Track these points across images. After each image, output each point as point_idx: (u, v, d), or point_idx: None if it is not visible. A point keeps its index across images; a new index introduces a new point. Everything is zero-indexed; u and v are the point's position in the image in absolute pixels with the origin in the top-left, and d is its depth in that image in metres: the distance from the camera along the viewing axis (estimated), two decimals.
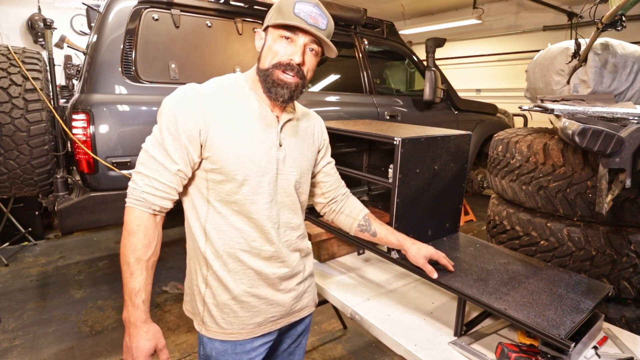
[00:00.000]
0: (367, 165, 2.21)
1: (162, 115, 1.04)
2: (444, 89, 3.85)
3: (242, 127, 1.07)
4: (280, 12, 1.04)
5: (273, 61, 1.06)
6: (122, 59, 2.47)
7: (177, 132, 1.02)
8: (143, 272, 1.02)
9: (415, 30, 6.94)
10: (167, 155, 1.03)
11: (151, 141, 1.05)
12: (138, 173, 1.04)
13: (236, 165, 1.05)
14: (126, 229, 1.02)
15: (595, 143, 1.28)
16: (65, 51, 5.49)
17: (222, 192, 1.07)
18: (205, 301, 1.12)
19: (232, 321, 1.12)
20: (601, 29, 1.78)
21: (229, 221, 1.09)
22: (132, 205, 1.03)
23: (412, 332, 1.35)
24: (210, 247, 1.10)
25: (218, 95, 1.07)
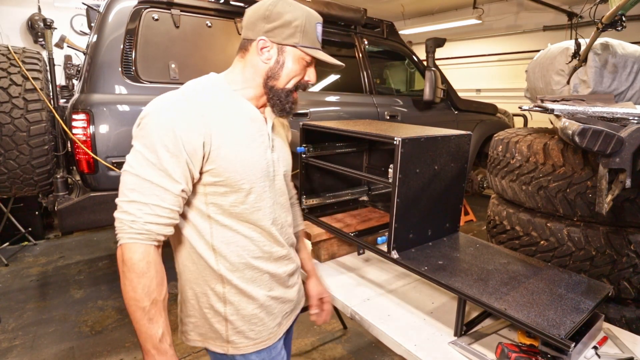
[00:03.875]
0: (367, 165, 2.21)
1: (153, 131, 0.91)
2: (444, 89, 3.85)
3: (242, 132, 1.02)
4: (307, 35, 1.03)
5: (294, 82, 1.07)
6: (122, 59, 2.47)
7: (176, 148, 0.91)
8: (162, 313, 0.93)
9: (415, 30, 6.94)
10: (167, 176, 0.91)
11: (140, 163, 0.91)
12: (132, 202, 0.90)
13: (243, 175, 1.00)
14: (133, 270, 0.90)
15: (595, 143, 1.28)
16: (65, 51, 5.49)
17: (225, 205, 1.01)
18: (228, 319, 1.06)
19: (261, 330, 1.10)
20: (601, 29, 1.78)
21: (237, 231, 1.04)
22: (136, 241, 0.90)
23: (412, 332, 1.35)
24: (223, 262, 1.04)
25: (212, 101, 1.00)
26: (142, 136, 0.92)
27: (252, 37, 1.04)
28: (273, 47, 1.03)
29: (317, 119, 3.14)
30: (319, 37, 1.06)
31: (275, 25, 1.01)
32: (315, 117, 3.16)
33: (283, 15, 1.01)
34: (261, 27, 1.02)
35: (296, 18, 1.02)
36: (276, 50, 1.04)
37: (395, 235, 1.48)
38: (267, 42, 1.02)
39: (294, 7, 1.03)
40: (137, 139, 0.94)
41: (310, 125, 1.89)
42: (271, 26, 1.01)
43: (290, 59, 1.04)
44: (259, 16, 1.02)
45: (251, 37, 1.04)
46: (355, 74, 3.59)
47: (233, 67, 1.09)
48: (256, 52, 1.03)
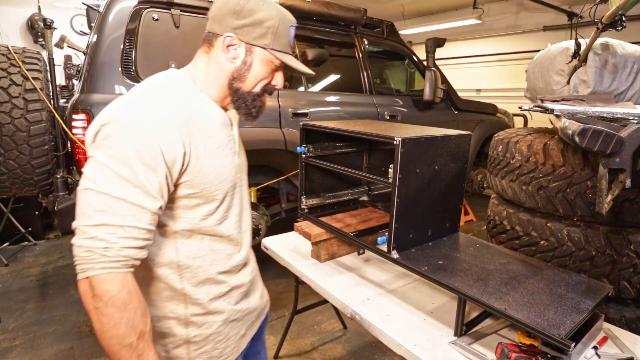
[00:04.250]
0: (367, 165, 2.21)
1: (125, 140, 0.79)
2: (444, 89, 3.85)
3: (215, 140, 0.94)
4: (278, 38, 0.95)
5: (262, 86, 1.00)
6: (122, 59, 2.47)
7: (155, 160, 0.80)
8: (150, 345, 0.84)
9: (415, 30, 6.94)
10: (144, 192, 0.80)
11: (109, 178, 0.78)
12: (101, 225, 0.77)
13: (217, 185, 0.93)
14: (112, 305, 0.77)
15: (595, 143, 1.29)
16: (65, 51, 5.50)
17: (196, 218, 0.92)
18: (190, 342, 0.97)
19: (225, 346, 1.03)
20: (601, 29, 1.78)
21: (204, 244, 0.96)
22: (112, 270, 0.78)
23: (412, 332, 1.35)
24: (189, 279, 0.95)
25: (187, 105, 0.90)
26: (109, 146, 0.79)
27: (219, 32, 0.95)
28: (241, 45, 0.95)
29: (317, 119, 3.15)
30: (291, 41, 0.99)
31: (245, 23, 0.93)
32: (315, 117, 3.16)
33: (255, 13, 0.93)
34: (230, 22, 0.94)
35: (269, 18, 0.94)
36: (244, 49, 0.95)
37: (395, 235, 1.48)
38: (234, 39, 0.94)
39: (268, 5, 0.95)
40: (101, 150, 0.79)
41: (310, 125, 1.89)
42: (241, 23, 0.93)
43: (258, 60, 0.96)
44: (228, 10, 0.94)
45: (217, 31, 0.95)
46: (355, 74, 3.59)
47: (196, 61, 1.00)
48: (222, 48, 0.95)
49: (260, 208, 3.16)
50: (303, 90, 3.27)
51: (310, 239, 1.87)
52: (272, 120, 2.96)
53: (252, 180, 3.23)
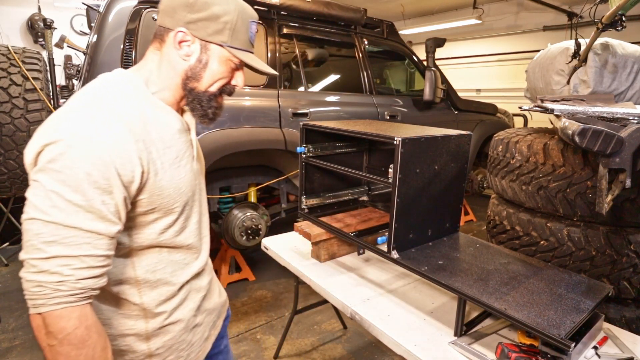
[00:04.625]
0: (367, 165, 2.21)
1: (74, 164, 0.71)
2: (444, 89, 3.85)
3: (173, 151, 0.88)
4: (237, 35, 0.88)
5: (219, 85, 0.92)
6: (122, 59, 2.47)
7: (109, 183, 0.74)
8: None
9: (415, 30, 6.94)
10: (100, 218, 0.74)
11: (58, 206, 0.70)
12: (53, 258, 0.70)
13: (176, 198, 0.88)
14: (68, 342, 0.71)
15: (595, 143, 1.29)
16: (65, 51, 5.50)
17: (153, 233, 0.87)
18: (153, 354, 0.93)
19: (189, 352, 1.01)
20: (601, 29, 1.78)
21: (163, 257, 0.91)
22: (67, 305, 0.71)
23: (412, 332, 1.36)
24: (148, 294, 0.90)
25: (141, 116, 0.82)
26: (57, 170, 0.70)
27: (170, 27, 0.86)
28: (195, 42, 0.86)
29: (317, 119, 3.15)
30: (252, 37, 0.91)
31: (200, 17, 0.84)
32: (315, 117, 3.16)
33: (210, 6, 0.84)
34: (182, 15, 0.84)
35: (226, 12, 0.85)
36: (199, 46, 0.87)
37: (395, 235, 1.48)
38: (187, 35, 0.85)
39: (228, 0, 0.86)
40: (47, 174, 0.71)
41: (310, 125, 1.89)
42: (195, 17, 0.84)
43: (215, 58, 0.88)
44: (181, 1, 0.84)
45: (169, 25, 0.86)
46: (355, 74, 3.59)
47: (147, 60, 0.91)
48: (173, 45, 0.86)
49: (260, 208, 3.16)
50: (303, 90, 3.27)
51: (310, 239, 1.87)
52: (272, 120, 2.96)
53: (252, 181, 3.23)
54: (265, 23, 3.06)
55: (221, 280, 3.27)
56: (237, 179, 3.15)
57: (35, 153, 0.73)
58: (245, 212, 3.06)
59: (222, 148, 2.71)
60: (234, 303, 3.07)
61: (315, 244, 1.91)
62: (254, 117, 2.88)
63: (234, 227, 3.01)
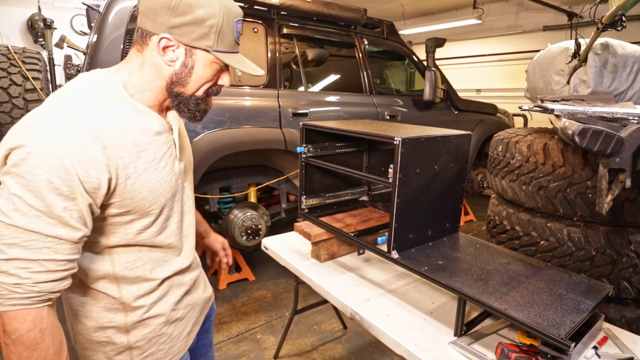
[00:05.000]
0: (367, 165, 2.21)
1: (36, 170, 0.70)
2: (444, 89, 3.85)
3: (149, 154, 0.85)
4: (223, 39, 0.85)
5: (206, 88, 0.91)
6: (122, 59, 2.47)
7: (72, 190, 0.73)
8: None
9: (415, 30, 6.94)
10: (61, 224, 0.73)
11: (19, 210, 0.70)
12: (12, 260, 0.70)
13: (152, 201, 0.87)
14: (21, 343, 0.72)
15: (595, 143, 1.29)
16: (65, 51, 5.50)
17: (130, 233, 0.87)
18: (132, 347, 0.94)
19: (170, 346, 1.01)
20: (601, 29, 1.78)
21: (142, 255, 0.92)
22: (22, 307, 0.72)
23: (412, 332, 1.36)
24: (127, 288, 0.91)
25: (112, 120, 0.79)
26: (20, 175, 0.70)
27: (153, 31, 0.82)
28: (180, 47, 0.84)
29: (317, 119, 3.15)
30: (237, 37, 0.88)
31: (183, 21, 0.81)
32: (315, 117, 3.16)
33: (195, 9, 0.80)
34: (165, 19, 0.81)
35: (211, 15, 0.82)
36: (183, 51, 0.84)
37: (395, 235, 1.48)
38: (171, 41, 0.82)
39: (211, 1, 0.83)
40: (11, 177, 0.71)
41: (310, 125, 1.89)
42: (178, 21, 0.81)
43: (201, 63, 0.86)
44: (162, 3, 0.80)
45: (151, 29, 0.83)
46: (355, 74, 3.59)
47: (128, 62, 0.88)
48: (157, 50, 0.83)
49: (260, 208, 3.16)
50: (303, 90, 3.27)
51: (310, 239, 1.87)
52: (272, 120, 2.96)
53: (252, 181, 3.23)
54: (265, 23, 3.06)
55: (221, 280, 3.27)
56: (237, 179, 3.15)
57: (3, 156, 0.73)
58: (245, 212, 3.06)
59: (222, 148, 2.71)
60: (234, 303, 3.07)
61: (315, 244, 1.91)
62: (254, 117, 2.88)
63: (234, 227, 3.01)
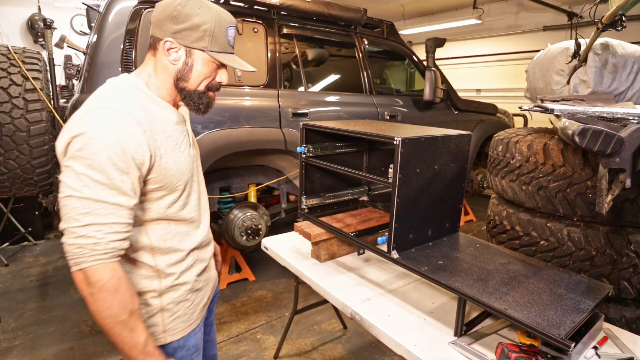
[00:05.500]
0: (367, 165, 2.21)
1: (98, 151, 0.89)
2: (444, 89, 3.85)
3: (173, 139, 1.06)
4: (216, 40, 1.03)
5: (205, 84, 1.08)
6: (122, 59, 2.47)
7: (127, 165, 0.92)
8: (140, 320, 0.97)
9: (415, 30, 6.94)
10: (120, 193, 0.92)
11: (88, 185, 0.89)
12: (88, 225, 0.89)
13: (178, 177, 1.06)
14: (105, 289, 0.90)
15: (595, 143, 1.29)
16: (65, 51, 5.50)
17: (162, 207, 1.05)
18: (164, 309, 1.11)
19: (192, 312, 1.18)
20: (601, 29, 1.78)
21: (171, 228, 1.09)
22: (102, 261, 0.91)
23: (412, 332, 1.36)
24: (161, 257, 1.08)
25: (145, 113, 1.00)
26: (84, 157, 0.89)
27: (160, 37, 1.03)
28: (181, 49, 1.03)
29: (317, 119, 3.15)
30: (230, 40, 1.06)
31: (183, 27, 1.00)
32: (315, 117, 3.16)
33: (191, 18, 0.99)
34: (169, 27, 1.01)
35: (205, 22, 1.00)
36: (184, 52, 1.03)
37: (395, 235, 1.48)
38: (174, 43, 1.02)
39: (204, 9, 1.01)
40: (76, 160, 0.90)
41: (310, 125, 1.89)
42: (179, 28, 1.00)
43: (199, 61, 1.05)
44: (167, 15, 1.00)
45: (159, 35, 1.03)
46: (355, 74, 3.59)
47: (145, 65, 1.08)
48: (163, 52, 1.03)
49: (260, 208, 3.16)
50: (303, 90, 3.27)
51: (310, 239, 1.87)
52: (272, 120, 2.96)
53: (252, 181, 3.23)
54: (265, 23, 3.06)
55: (221, 280, 3.27)
56: (237, 179, 3.15)
57: (65, 144, 0.92)
58: (245, 212, 3.06)
59: (222, 148, 2.71)
60: (234, 303, 3.07)
61: (315, 244, 1.91)
62: (254, 117, 2.88)
63: (234, 227, 3.01)
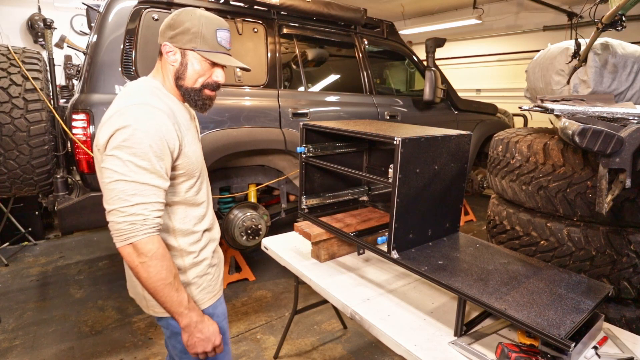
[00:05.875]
0: (367, 165, 2.21)
1: (143, 141, 1.05)
2: (444, 89, 3.85)
3: (189, 131, 1.23)
4: (205, 41, 1.17)
5: (202, 82, 1.22)
6: (122, 59, 2.47)
7: (163, 152, 1.09)
8: (180, 283, 1.15)
9: (415, 30, 6.93)
10: (159, 177, 1.09)
11: (134, 170, 1.05)
12: (137, 205, 1.05)
13: (196, 164, 1.24)
14: (156, 257, 1.07)
15: (595, 143, 1.29)
16: (65, 51, 5.49)
17: (182, 191, 1.22)
18: (190, 283, 1.28)
19: (215, 283, 1.36)
20: (601, 29, 1.78)
21: (187, 213, 1.25)
22: (151, 234, 1.07)
23: (412, 332, 1.36)
24: (181, 238, 1.25)
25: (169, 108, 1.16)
26: (129, 147, 1.05)
27: (161, 43, 1.20)
28: (177, 51, 1.18)
29: (317, 119, 3.15)
30: (220, 41, 1.19)
31: (177, 32, 1.17)
32: (315, 117, 3.16)
33: (183, 23, 1.16)
34: (167, 33, 1.18)
35: (194, 25, 1.16)
36: (180, 53, 1.18)
37: (395, 235, 1.48)
38: (171, 46, 1.18)
39: (194, 16, 1.17)
40: (122, 150, 1.05)
41: (310, 125, 1.89)
42: (174, 33, 1.17)
43: (192, 61, 1.19)
44: (166, 25, 1.19)
45: (160, 42, 1.20)
46: (355, 74, 3.59)
47: (157, 70, 1.25)
48: (165, 55, 1.19)
49: (260, 208, 3.16)
50: (303, 90, 3.27)
51: (310, 239, 1.87)
52: (272, 120, 2.96)
53: (252, 181, 3.23)
54: (265, 23, 3.06)
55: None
56: (237, 179, 3.15)
57: (109, 135, 1.06)
58: (245, 212, 3.06)
59: (222, 148, 2.71)
60: (234, 303, 3.07)
61: (315, 244, 1.91)
62: (254, 117, 2.88)
63: (234, 227, 3.01)
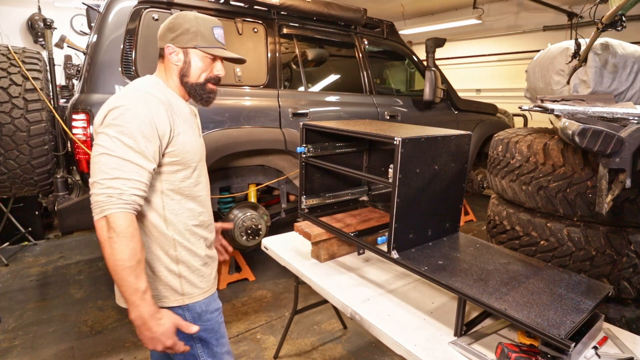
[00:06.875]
0: (367, 165, 2.21)
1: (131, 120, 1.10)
2: (444, 89, 3.85)
3: (186, 123, 1.27)
4: (204, 38, 1.27)
5: (205, 77, 1.30)
6: (122, 59, 2.47)
7: (151, 134, 1.13)
8: (143, 272, 1.10)
9: (415, 30, 6.93)
10: (144, 157, 1.11)
11: (119, 147, 1.08)
12: (116, 179, 1.06)
13: (192, 155, 1.26)
14: (123, 235, 1.05)
15: (595, 143, 1.29)
16: (65, 51, 5.49)
17: (176, 181, 1.24)
18: (182, 275, 1.28)
19: (206, 280, 1.35)
20: (601, 29, 1.78)
21: (182, 204, 1.27)
22: (123, 210, 1.06)
23: (412, 332, 1.36)
24: (173, 229, 1.26)
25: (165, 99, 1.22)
26: (119, 125, 1.10)
27: (162, 46, 1.28)
28: (180, 51, 1.27)
29: (317, 119, 3.15)
30: (217, 37, 1.30)
31: (177, 34, 1.26)
32: (315, 117, 3.16)
33: (182, 25, 1.25)
34: (168, 36, 1.27)
35: (192, 26, 1.26)
36: (182, 53, 1.27)
37: (395, 235, 1.48)
38: (173, 47, 1.27)
39: (191, 17, 1.27)
40: (111, 127, 1.10)
41: (310, 125, 1.89)
42: (175, 35, 1.26)
43: (195, 58, 1.28)
44: (165, 28, 1.28)
45: (162, 45, 1.28)
46: (355, 74, 3.59)
47: (159, 71, 1.32)
48: (167, 56, 1.28)
49: (260, 208, 3.16)
50: (303, 90, 3.27)
51: (310, 239, 1.87)
52: (272, 120, 2.96)
53: (252, 181, 3.23)
54: (265, 23, 3.06)
55: (221, 280, 3.27)
56: (237, 179, 3.15)
57: (103, 115, 1.13)
58: (245, 212, 3.06)
59: (222, 148, 2.71)
60: (234, 303, 3.07)
61: (315, 244, 1.91)
62: (253, 117, 2.88)
63: (234, 227, 3.01)
